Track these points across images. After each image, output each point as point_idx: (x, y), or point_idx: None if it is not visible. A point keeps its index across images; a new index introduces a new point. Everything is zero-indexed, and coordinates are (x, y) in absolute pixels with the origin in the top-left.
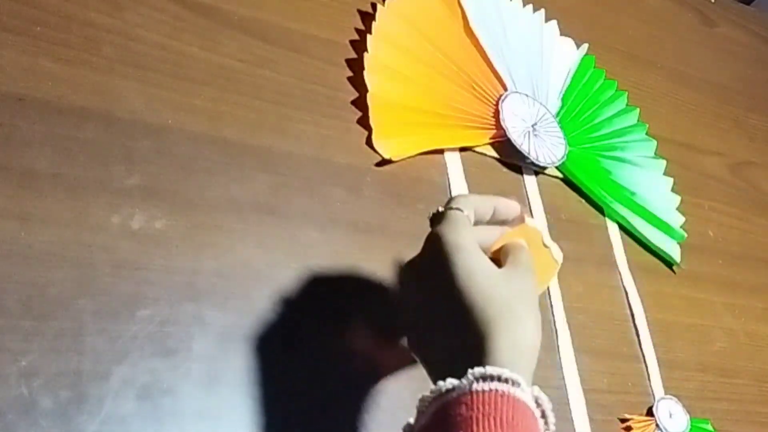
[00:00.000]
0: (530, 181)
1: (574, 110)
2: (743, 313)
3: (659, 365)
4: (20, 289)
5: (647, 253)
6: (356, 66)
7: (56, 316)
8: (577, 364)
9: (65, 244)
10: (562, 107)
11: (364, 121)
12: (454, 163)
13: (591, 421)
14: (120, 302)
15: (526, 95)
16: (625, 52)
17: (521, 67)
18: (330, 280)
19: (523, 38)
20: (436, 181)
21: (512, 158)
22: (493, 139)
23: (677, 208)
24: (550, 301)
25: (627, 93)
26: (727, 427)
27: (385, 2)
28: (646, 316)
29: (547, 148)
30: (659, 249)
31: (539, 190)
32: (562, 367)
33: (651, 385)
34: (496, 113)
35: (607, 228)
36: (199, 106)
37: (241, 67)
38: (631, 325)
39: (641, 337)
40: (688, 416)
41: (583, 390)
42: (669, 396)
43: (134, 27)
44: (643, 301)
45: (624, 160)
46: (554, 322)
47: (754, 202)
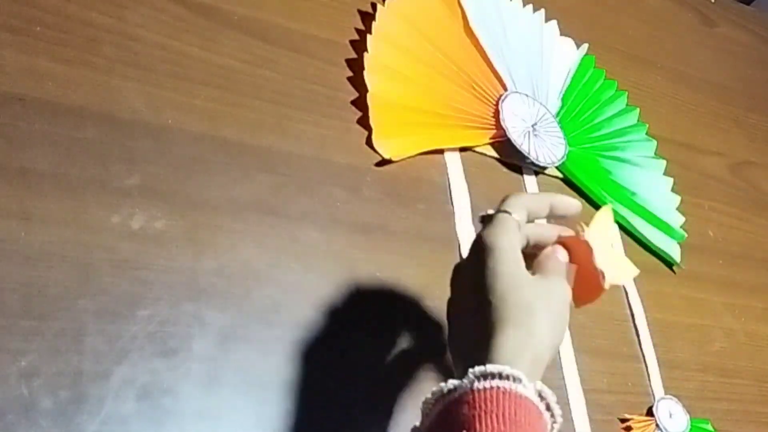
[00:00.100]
0: (530, 181)
1: (574, 110)
2: (743, 313)
3: (659, 365)
4: (20, 289)
5: (647, 253)
6: (356, 66)
7: (56, 316)
8: (577, 364)
9: (65, 244)
10: (562, 107)
11: (364, 121)
12: (454, 163)
13: (591, 421)
14: (120, 302)
15: (526, 95)
16: (625, 52)
17: (521, 67)
18: (330, 280)
19: (523, 38)
20: (436, 181)
21: (512, 158)
22: (493, 139)
23: (677, 208)
24: None
25: (627, 93)
26: (727, 427)
27: (385, 2)
28: (646, 316)
29: (547, 148)
30: (659, 249)
31: (539, 190)
32: (562, 367)
33: (651, 385)
34: (496, 113)
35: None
36: (199, 106)
37: (241, 67)
38: (631, 325)
39: (641, 337)
40: (688, 416)
41: (583, 390)
42: (669, 396)
43: (134, 27)
44: (643, 301)
45: (624, 160)
46: None
47: (754, 202)
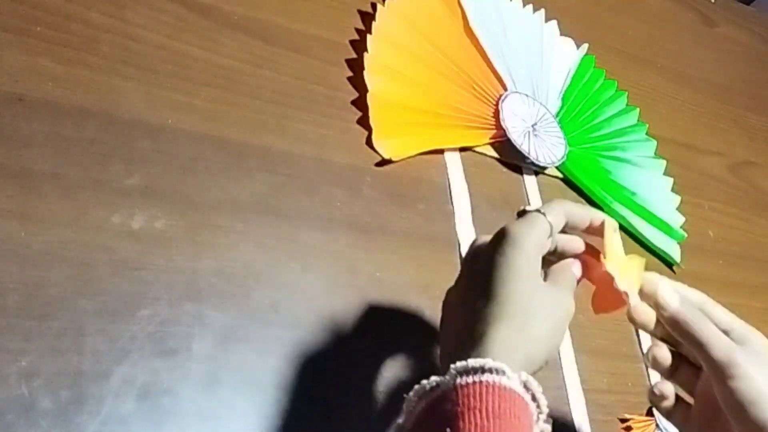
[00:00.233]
0: (530, 181)
1: (574, 110)
2: (743, 313)
3: None
4: (20, 289)
5: (647, 253)
6: (356, 66)
7: (56, 316)
8: (577, 364)
9: (65, 244)
10: (562, 107)
11: (364, 121)
12: (454, 163)
13: (591, 421)
14: (120, 302)
15: (526, 95)
16: (625, 52)
17: (521, 67)
18: (330, 280)
19: (523, 38)
20: (436, 181)
21: (512, 158)
22: (493, 139)
23: (677, 208)
24: None
25: (627, 93)
26: None
27: (385, 2)
28: None
29: (547, 148)
30: (659, 249)
31: (539, 190)
32: (562, 367)
33: (651, 384)
34: (496, 113)
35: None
36: (199, 106)
37: (241, 67)
38: (631, 325)
39: (641, 337)
40: None
41: (583, 390)
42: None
43: (134, 27)
44: None
45: (624, 160)
46: None
47: (754, 202)
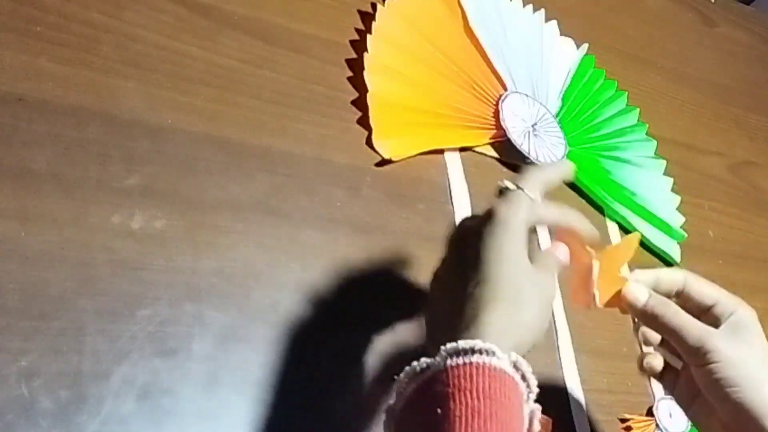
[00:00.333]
0: None
1: (574, 110)
2: None
3: None
4: (20, 289)
5: (647, 253)
6: (356, 66)
7: (56, 316)
8: (577, 364)
9: (65, 244)
10: (562, 107)
11: (364, 121)
12: (454, 163)
13: (591, 421)
14: (120, 302)
15: (526, 95)
16: (625, 52)
17: (521, 67)
18: (330, 280)
19: (523, 38)
20: (436, 181)
21: (512, 158)
22: (493, 139)
23: (677, 208)
24: None
25: (627, 93)
26: None
27: (385, 2)
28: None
29: (547, 148)
30: (659, 249)
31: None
32: (562, 367)
33: (651, 385)
34: (496, 113)
35: (607, 228)
36: (199, 106)
37: (241, 67)
38: (631, 325)
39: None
40: None
41: (583, 390)
42: (669, 396)
43: (134, 27)
44: None
45: (624, 160)
46: (554, 322)
47: (754, 202)
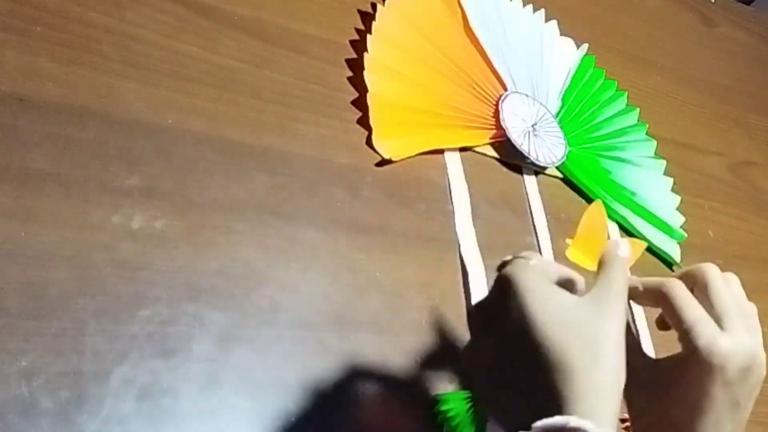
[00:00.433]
0: (530, 181)
1: (574, 110)
2: None
3: None
4: (20, 289)
5: (647, 253)
6: (356, 66)
7: (56, 316)
8: None
9: (65, 244)
10: (562, 107)
11: (364, 121)
12: (454, 163)
13: None
14: (120, 302)
15: (526, 95)
16: (625, 52)
17: (521, 67)
18: (330, 280)
19: (523, 38)
20: (436, 181)
21: (512, 158)
22: (493, 139)
23: (677, 208)
24: None
25: (627, 93)
26: None
27: (385, 2)
28: (646, 316)
29: (547, 148)
30: (659, 249)
31: (539, 190)
32: None
33: None
34: (496, 113)
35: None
36: (199, 106)
37: (241, 67)
38: (631, 325)
39: (641, 337)
40: None
41: None
42: None
43: (134, 27)
44: None
45: (624, 160)
46: None
47: (754, 202)
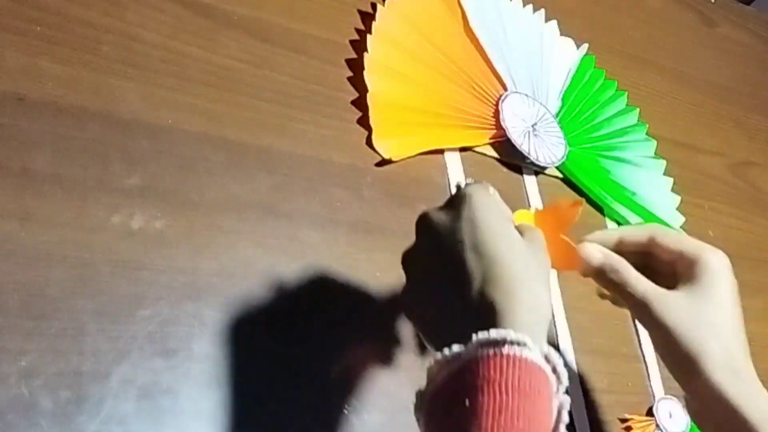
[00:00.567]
0: (530, 181)
1: (574, 110)
2: (743, 313)
3: (659, 365)
4: (20, 289)
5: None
6: (356, 66)
7: (56, 316)
8: (577, 364)
9: (65, 244)
10: (562, 107)
11: (364, 121)
12: (454, 163)
13: (591, 421)
14: (120, 302)
15: (526, 95)
16: (625, 52)
17: (521, 67)
18: (330, 280)
19: (523, 38)
20: (436, 181)
21: (512, 158)
22: (493, 139)
23: (677, 208)
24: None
25: (627, 93)
26: None
27: (385, 2)
28: None
29: (547, 148)
30: None
31: (539, 190)
32: None
33: (651, 385)
34: (496, 113)
35: (607, 228)
36: (199, 106)
37: (241, 67)
38: (631, 325)
39: (641, 337)
40: (689, 416)
41: (583, 390)
42: (669, 396)
43: (134, 27)
44: None
45: (624, 160)
46: (554, 322)
47: (754, 202)
